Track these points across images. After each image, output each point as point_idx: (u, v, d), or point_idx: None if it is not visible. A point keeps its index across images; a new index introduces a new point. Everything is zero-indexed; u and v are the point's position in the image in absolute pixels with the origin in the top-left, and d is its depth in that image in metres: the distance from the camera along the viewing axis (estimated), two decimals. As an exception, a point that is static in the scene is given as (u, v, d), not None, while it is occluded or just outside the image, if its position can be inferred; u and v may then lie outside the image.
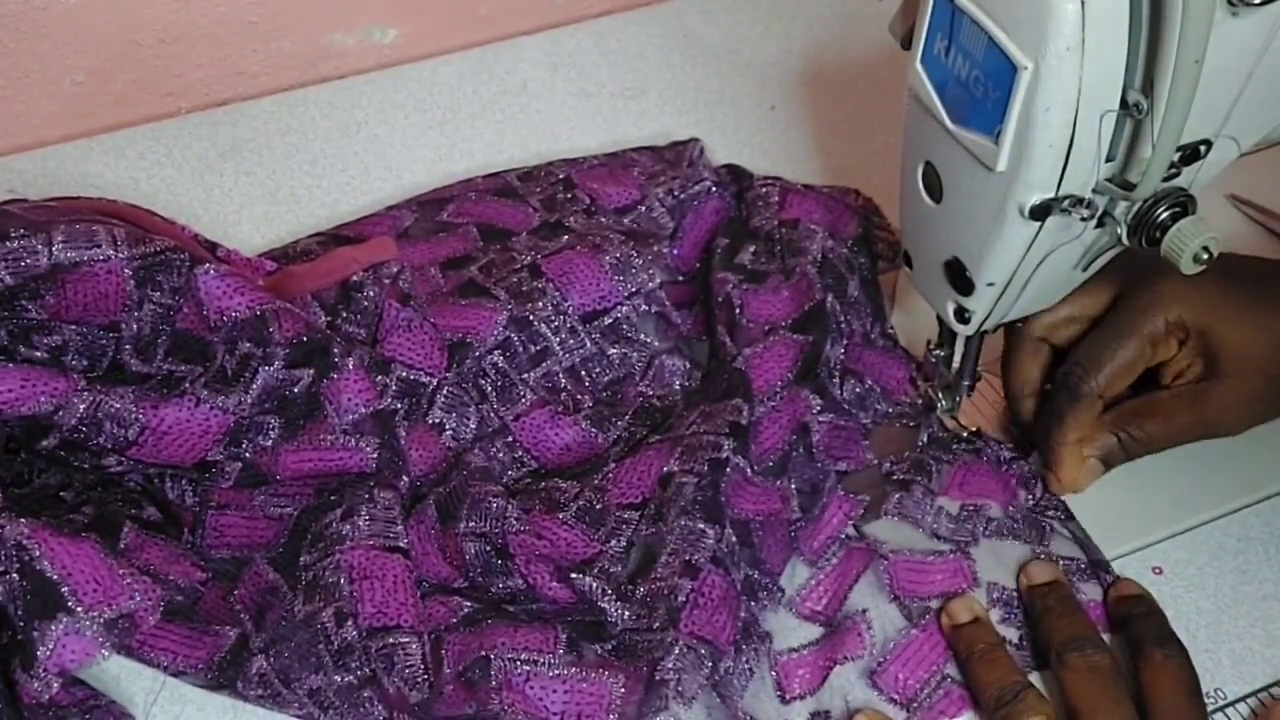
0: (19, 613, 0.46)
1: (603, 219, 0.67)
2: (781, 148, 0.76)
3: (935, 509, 0.57)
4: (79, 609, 0.46)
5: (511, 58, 0.83)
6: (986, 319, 0.52)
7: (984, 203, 0.46)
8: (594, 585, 0.50)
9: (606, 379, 0.62)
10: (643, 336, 0.63)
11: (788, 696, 0.51)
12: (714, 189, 0.68)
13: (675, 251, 0.66)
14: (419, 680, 0.48)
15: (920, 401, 0.61)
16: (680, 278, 0.66)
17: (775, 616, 0.53)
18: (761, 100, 0.80)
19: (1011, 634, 0.53)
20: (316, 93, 0.80)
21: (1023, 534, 0.56)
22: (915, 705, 0.51)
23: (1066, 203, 0.44)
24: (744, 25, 0.87)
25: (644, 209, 0.67)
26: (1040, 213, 0.45)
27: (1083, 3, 0.39)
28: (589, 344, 0.62)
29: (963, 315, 0.52)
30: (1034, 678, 0.51)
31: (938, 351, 0.58)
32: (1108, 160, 0.44)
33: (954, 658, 0.52)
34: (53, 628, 0.45)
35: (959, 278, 0.51)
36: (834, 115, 0.79)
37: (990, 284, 0.49)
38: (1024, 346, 0.57)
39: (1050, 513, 0.57)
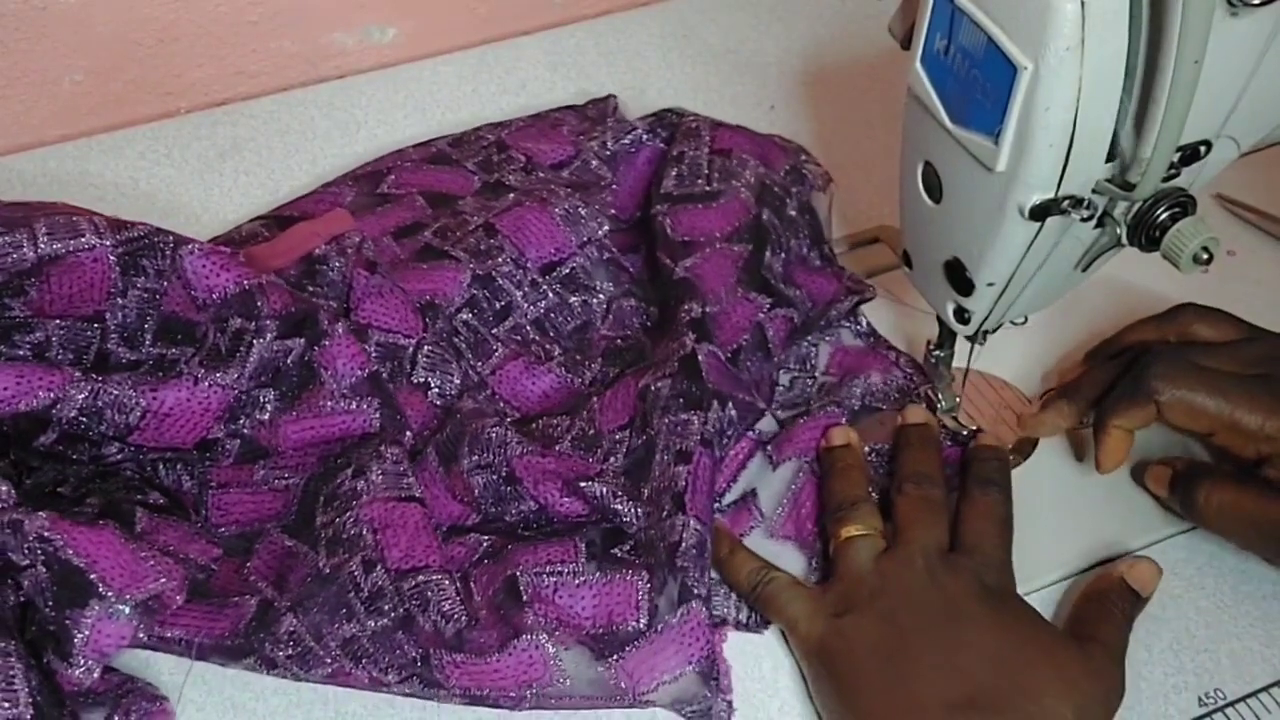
0: (49, 604, 0.46)
1: (541, 174, 0.69)
2: (781, 148, 0.76)
3: (816, 386, 0.60)
4: (110, 594, 0.46)
5: (511, 57, 0.83)
6: (986, 319, 0.52)
7: (984, 203, 0.46)
8: (604, 490, 0.51)
9: (571, 327, 0.63)
10: (598, 283, 0.64)
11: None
12: (645, 137, 0.69)
13: (613, 200, 0.68)
14: (456, 613, 0.48)
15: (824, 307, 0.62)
16: (623, 225, 0.67)
17: None
18: (761, 100, 0.80)
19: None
20: (316, 92, 0.80)
21: (897, 400, 0.58)
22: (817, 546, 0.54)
23: (1066, 203, 0.44)
24: (744, 25, 0.87)
25: (580, 163, 0.69)
26: (1040, 213, 0.44)
27: (1083, 3, 0.39)
28: (551, 295, 0.63)
29: (963, 315, 0.52)
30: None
31: (938, 352, 0.58)
32: (1108, 160, 0.44)
33: (819, 476, 0.56)
34: (86, 615, 0.45)
35: (959, 278, 0.51)
36: (834, 115, 0.79)
37: (990, 284, 0.49)
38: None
39: (924, 389, 0.59)
